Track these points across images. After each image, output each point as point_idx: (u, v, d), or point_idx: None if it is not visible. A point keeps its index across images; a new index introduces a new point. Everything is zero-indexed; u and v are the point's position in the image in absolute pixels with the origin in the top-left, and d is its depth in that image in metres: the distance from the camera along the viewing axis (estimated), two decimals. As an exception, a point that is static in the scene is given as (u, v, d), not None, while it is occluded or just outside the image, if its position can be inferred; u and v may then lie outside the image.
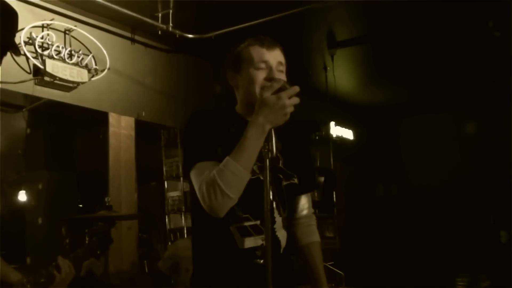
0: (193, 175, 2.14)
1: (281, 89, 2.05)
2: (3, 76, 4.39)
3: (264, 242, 2.14)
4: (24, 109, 5.82)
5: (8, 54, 4.33)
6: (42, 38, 4.60)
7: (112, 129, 5.17)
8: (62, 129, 6.08)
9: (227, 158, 2.05)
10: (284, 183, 2.32)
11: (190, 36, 5.42)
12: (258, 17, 5.06)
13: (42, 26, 4.68)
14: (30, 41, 4.54)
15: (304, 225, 2.49)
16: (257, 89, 2.21)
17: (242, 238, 2.19)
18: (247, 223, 2.20)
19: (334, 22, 5.74)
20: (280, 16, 5.04)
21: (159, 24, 5.21)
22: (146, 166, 5.90)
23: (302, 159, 2.45)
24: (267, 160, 2.08)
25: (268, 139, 2.06)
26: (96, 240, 2.75)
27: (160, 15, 5.23)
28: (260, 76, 2.23)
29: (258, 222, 2.21)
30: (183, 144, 2.32)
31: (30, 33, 4.55)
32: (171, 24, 5.20)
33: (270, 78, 2.21)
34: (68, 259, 2.49)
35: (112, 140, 5.16)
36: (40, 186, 6.11)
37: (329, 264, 4.66)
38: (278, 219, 2.29)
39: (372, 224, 8.99)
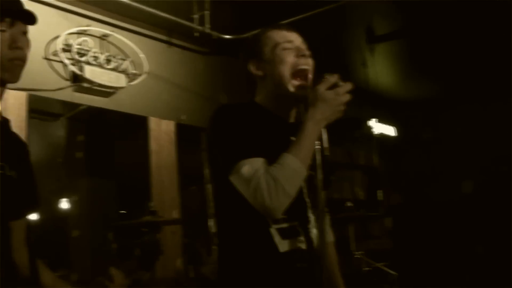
0: (238, 175, 1.95)
1: (335, 84, 1.97)
2: (42, 84, 4.37)
3: (301, 245, 2.07)
4: (62, 117, 5.81)
5: (45, 61, 4.35)
6: (79, 44, 4.55)
7: (152, 133, 5.11)
8: (101, 136, 6.06)
9: (285, 154, 1.94)
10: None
11: (228, 37, 5.33)
12: (295, 14, 4.95)
13: (79, 33, 4.64)
14: (67, 48, 4.50)
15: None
16: (288, 70, 2.12)
17: (283, 240, 2.05)
18: (286, 225, 2.06)
19: (373, 16, 5.62)
20: (317, 12, 4.93)
21: (195, 26, 5.14)
22: (188, 170, 5.83)
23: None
24: (319, 158, 2.02)
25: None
26: (146, 252, 2.67)
27: (196, 17, 5.17)
28: (289, 56, 2.14)
29: (295, 223, 2.09)
30: (217, 142, 2.09)
31: (67, 40, 4.50)
32: (207, 26, 5.12)
33: (302, 55, 2.14)
34: (121, 270, 2.42)
35: (153, 145, 5.10)
36: (81, 194, 6.10)
37: (381, 265, 4.53)
38: (312, 218, 2.18)
39: (423, 222, 8.75)
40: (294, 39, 2.18)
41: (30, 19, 1.94)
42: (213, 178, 2.20)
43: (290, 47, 2.15)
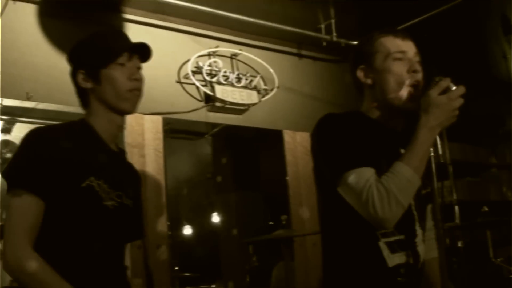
0: (347, 185, 1.86)
1: (448, 88, 1.86)
2: (177, 107, 4.48)
3: (409, 259, 1.95)
4: (206, 135, 5.96)
5: (178, 85, 4.47)
6: (209, 65, 4.61)
7: (287, 146, 5.04)
8: (243, 151, 6.15)
9: (397, 163, 1.84)
10: (423, 191, 2.03)
11: (355, 43, 5.18)
12: (422, 13, 4.73)
13: (208, 54, 4.70)
14: (198, 70, 4.57)
15: (426, 239, 2.14)
16: (398, 83, 2.00)
17: (392, 254, 1.93)
18: (394, 238, 1.94)
19: (508, 5, 5.24)
20: (446, 8, 4.66)
21: (322, 35, 5.06)
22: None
23: None
24: (433, 166, 1.94)
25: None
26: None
27: (323, 26, 5.09)
28: (400, 68, 2.00)
29: (402, 237, 1.96)
30: (323, 152, 2.00)
31: (197, 62, 4.57)
32: (334, 34, 5.03)
33: (413, 70, 2.00)
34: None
35: (288, 157, 5.03)
36: (230, 208, 6.22)
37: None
38: (419, 232, 2.04)
39: None
40: (408, 49, 2.05)
41: (145, 53, 2.07)
42: (319, 190, 2.11)
43: (402, 58, 2.02)
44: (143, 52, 2.06)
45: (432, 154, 1.93)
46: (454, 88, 1.87)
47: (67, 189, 1.82)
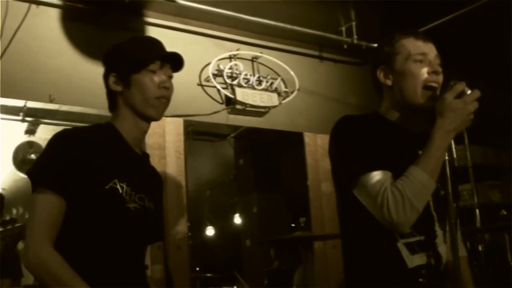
0: (362, 188, 1.86)
1: (463, 92, 1.85)
2: (198, 109, 4.49)
3: (430, 260, 1.95)
4: (228, 137, 5.97)
5: (199, 88, 4.49)
6: (230, 68, 4.62)
7: (308, 148, 5.03)
8: (265, 152, 6.15)
9: (412, 167, 1.84)
10: (442, 192, 2.01)
11: (376, 45, 5.15)
12: (443, 15, 4.68)
13: (229, 57, 4.70)
14: (218, 73, 4.57)
15: (448, 239, 2.10)
16: (418, 85, 1.98)
17: (411, 255, 1.92)
18: (413, 239, 1.93)
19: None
20: (467, 10, 4.61)
21: (343, 38, 5.03)
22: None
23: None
24: (448, 169, 1.93)
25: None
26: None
27: (343, 29, 5.07)
28: (420, 69, 1.99)
29: (422, 238, 1.95)
30: (340, 154, 2.01)
31: (218, 65, 4.58)
32: (355, 37, 4.99)
33: (433, 72, 1.99)
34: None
35: (309, 159, 5.02)
36: (252, 209, 6.22)
37: None
38: (439, 233, 2.02)
39: None
40: (429, 51, 2.03)
41: (178, 63, 2.09)
42: (338, 191, 2.10)
43: (423, 60, 2.01)
44: (175, 61, 2.08)
45: (447, 158, 1.92)
46: (469, 92, 1.86)
47: (91, 190, 1.85)
